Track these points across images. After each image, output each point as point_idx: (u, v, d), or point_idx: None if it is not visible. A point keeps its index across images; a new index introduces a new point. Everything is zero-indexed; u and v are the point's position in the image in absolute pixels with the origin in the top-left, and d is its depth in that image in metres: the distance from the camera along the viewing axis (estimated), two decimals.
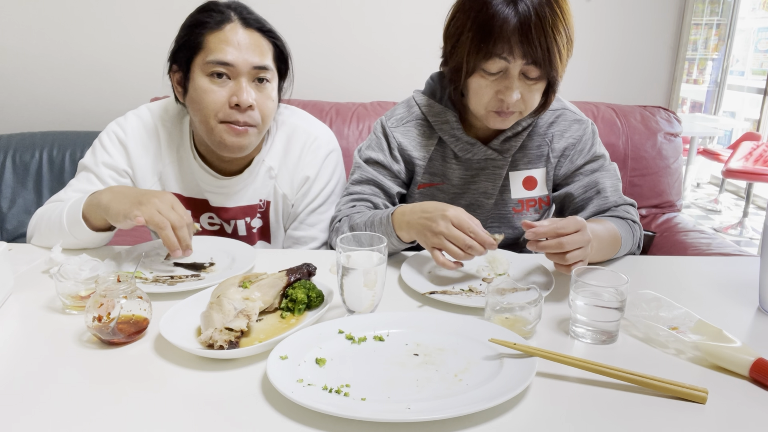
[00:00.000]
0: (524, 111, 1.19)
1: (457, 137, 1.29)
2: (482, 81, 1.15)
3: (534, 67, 1.11)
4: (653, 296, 0.95)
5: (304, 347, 0.80)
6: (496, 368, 0.76)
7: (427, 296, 0.99)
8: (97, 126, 2.39)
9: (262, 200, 1.37)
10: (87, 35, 2.71)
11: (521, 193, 1.34)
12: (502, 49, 1.09)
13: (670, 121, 2.16)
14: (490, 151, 1.29)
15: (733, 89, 6.09)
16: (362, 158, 1.35)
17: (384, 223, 1.15)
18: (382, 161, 1.32)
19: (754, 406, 0.73)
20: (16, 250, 1.19)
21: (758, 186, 4.81)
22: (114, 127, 1.33)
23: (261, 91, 1.22)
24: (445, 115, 1.29)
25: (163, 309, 0.88)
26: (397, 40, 2.92)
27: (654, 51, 3.13)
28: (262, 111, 1.23)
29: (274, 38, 1.25)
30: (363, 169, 1.33)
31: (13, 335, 0.88)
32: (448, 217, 1.01)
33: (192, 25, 1.21)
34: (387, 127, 1.34)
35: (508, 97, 1.13)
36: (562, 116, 1.33)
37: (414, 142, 1.32)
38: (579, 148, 1.31)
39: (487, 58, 1.11)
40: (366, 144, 1.37)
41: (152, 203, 1.04)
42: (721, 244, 1.71)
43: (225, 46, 1.18)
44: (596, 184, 1.28)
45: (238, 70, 1.18)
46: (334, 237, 1.29)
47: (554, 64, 1.11)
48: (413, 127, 1.33)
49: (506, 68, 1.12)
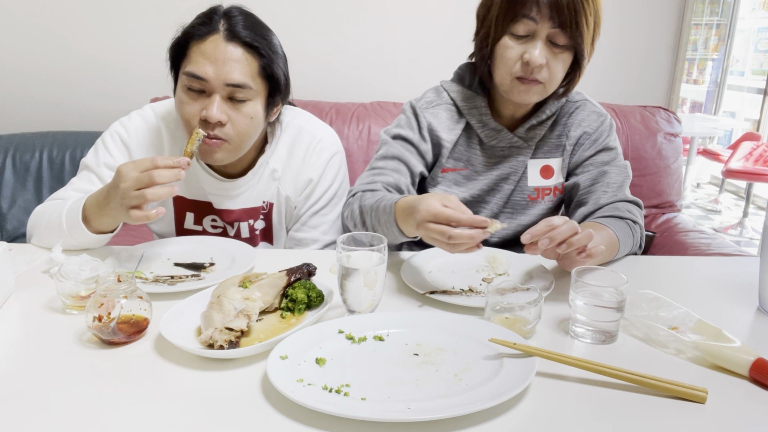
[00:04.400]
0: (548, 83, 1.20)
1: (485, 122, 1.31)
2: (509, 42, 1.18)
3: (561, 33, 1.14)
4: (653, 296, 0.95)
5: (304, 347, 0.80)
6: (496, 368, 0.76)
7: (427, 296, 0.99)
8: (97, 126, 2.39)
9: (265, 202, 1.37)
10: (87, 35, 2.71)
11: (538, 181, 1.35)
12: (530, 9, 1.13)
13: (670, 121, 2.17)
14: (515, 138, 1.31)
15: (733, 89, 6.09)
16: (390, 135, 1.34)
17: (387, 211, 1.09)
18: (411, 138, 1.31)
19: (754, 406, 0.73)
20: (16, 250, 1.19)
21: (758, 186, 4.81)
22: (117, 127, 1.32)
23: (237, 109, 1.18)
24: (474, 100, 1.31)
25: (163, 309, 0.88)
26: (397, 40, 2.92)
27: (654, 51, 3.12)
28: (237, 128, 1.18)
29: (262, 55, 1.18)
30: (390, 145, 1.32)
31: (14, 335, 0.88)
32: (420, 211, 0.94)
33: (185, 31, 1.19)
34: (417, 108, 1.34)
35: (533, 57, 1.15)
36: (582, 107, 1.35)
37: (443, 124, 1.32)
38: (594, 137, 1.33)
39: (516, 20, 1.15)
40: (394, 124, 1.36)
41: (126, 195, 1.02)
42: (721, 244, 1.71)
43: (202, 60, 1.15)
44: (603, 177, 1.29)
45: (211, 85, 1.15)
46: (346, 211, 1.26)
47: (581, 30, 1.15)
48: (442, 111, 1.33)
49: (534, 31, 1.15)
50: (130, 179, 1.01)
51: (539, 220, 1.34)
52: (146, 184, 1.01)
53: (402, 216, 1.05)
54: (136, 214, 1.02)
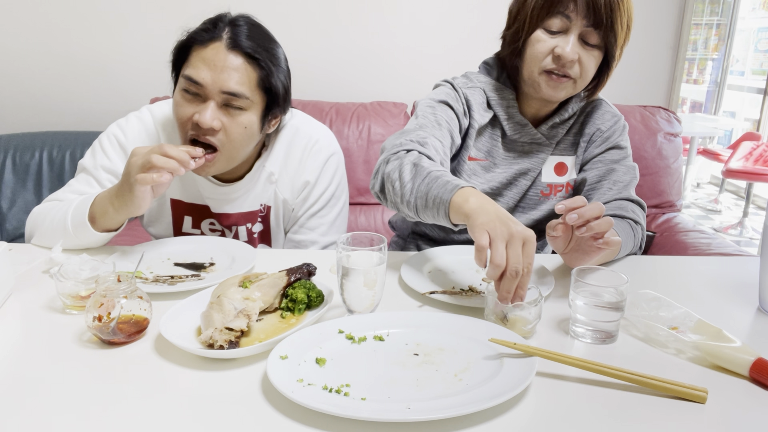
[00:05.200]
0: (578, 80, 1.20)
1: (511, 115, 1.30)
2: (542, 36, 1.18)
3: (594, 32, 1.15)
4: (653, 296, 0.95)
5: (304, 347, 0.80)
6: (496, 368, 0.76)
7: (427, 296, 0.99)
8: (97, 126, 2.39)
9: (262, 205, 1.36)
10: (87, 35, 2.71)
11: (551, 177, 1.36)
12: (567, 6, 1.14)
13: (670, 121, 2.17)
14: (538, 135, 1.31)
15: (733, 89, 6.09)
16: (435, 100, 1.27)
17: (449, 189, 0.96)
18: (456, 109, 1.27)
19: (754, 406, 0.73)
20: (16, 250, 1.19)
21: (758, 186, 4.82)
22: (114, 129, 1.31)
23: (231, 117, 1.17)
24: (503, 92, 1.31)
25: (163, 309, 0.88)
26: (397, 40, 2.92)
27: (654, 51, 3.13)
28: (229, 136, 1.18)
29: (262, 67, 1.18)
30: (435, 108, 1.25)
31: (13, 335, 0.88)
32: (515, 240, 0.84)
33: (189, 36, 1.19)
34: (456, 85, 1.32)
35: (565, 51, 1.15)
36: (598, 106, 1.36)
37: (477, 105, 1.31)
38: (605, 135, 1.33)
39: (551, 15, 1.15)
40: (435, 93, 1.31)
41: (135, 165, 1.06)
42: (721, 244, 1.71)
43: (202, 65, 1.15)
44: (611, 175, 1.29)
45: (207, 91, 1.15)
46: (393, 162, 1.10)
47: (615, 30, 1.15)
48: (477, 94, 1.32)
49: (567, 27, 1.16)
50: (141, 154, 1.07)
51: (550, 216, 1.36)
52: (160, 153, 1.05)
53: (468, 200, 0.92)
54: (143, 176, 1.04)
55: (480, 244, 0.84)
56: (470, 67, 1.41)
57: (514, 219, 0.87)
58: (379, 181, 1.14)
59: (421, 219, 1.05)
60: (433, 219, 1.01)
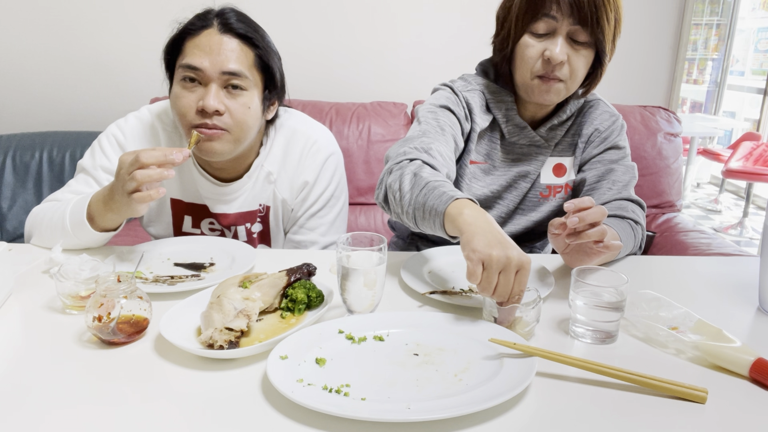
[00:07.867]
0: (569, 82, 1.20)
1: (510, 118, 1.30)
2: (530, 41, 1.18)
3: (581, 30, 1.15)
4: (653, 296, 0.95)
5: (304, 347, 0.80)
6: (496, 368, 0.76)
7: (427, 296, 0.99)
8: (97, 126, 2.39)
9: (261, 205, 1.36)
10: (87, 35, 2.71)
11: (550, 179, 1.36)
12: (550, 7, 1.13)
13: (670, 121, 2.17)
14: (537, 137, 1.31)
15: (733, 89, 6.09)
16: (436, 104, 1.27)
17: (444, 200, 0.95)
18: (457, 114, 1.27)
19: (754, 406, 0.73)
20: (16, 250, 1.19)
21: (758, 186, 4.81)
22: (113, 129, 1.31)
23: (234, 98, 1.18)
24: (501, 94, 1.30)
25: (163, 309, 0.88)
26: (398, 40, 2.92)
27: (654, 51, 3.13)
28: (235, 117, 1.19)
29: (257, 46, 1.20)
30: (437, 114, 1.24)
31: (14, 335, 0.88)
32: (509, 269, 0.83)
33: (180, 29, 1.21)
34: (455, 88, 1.31)
35: (554, 53, 1.15)
36: (596, 106, 1.36)
37: (477, 108, 1.30)
38: (604, 135, 1.33)
39: (536, 18, 1.15)
40: (434, 97, 1.31)
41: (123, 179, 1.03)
42: (721, 244, 1.71)
43: (198, 51, 1.16)
44: (610, 175, 1.29)
45: (207, 75, 1.16)
46: (396, 171, 1.09)
47: (602, 26, 1.15)
48: (477, 96, 1.31)
49: (554, 29, 1.15)
50: (125, 163, 1.04)
51: (549, 217, 1.35)
52: (138, 166, 1.02)
53: (463, 214, 0.92)
54: (137, 195, 1.03)
55: (473, 273, 0.83)
56: (472, 66, 1.40)
57: (511, 242, 0.85)
58: (382, 192, 1.13)
59: (421, 230, 1.05)
60: (431, 230, 1.01)
